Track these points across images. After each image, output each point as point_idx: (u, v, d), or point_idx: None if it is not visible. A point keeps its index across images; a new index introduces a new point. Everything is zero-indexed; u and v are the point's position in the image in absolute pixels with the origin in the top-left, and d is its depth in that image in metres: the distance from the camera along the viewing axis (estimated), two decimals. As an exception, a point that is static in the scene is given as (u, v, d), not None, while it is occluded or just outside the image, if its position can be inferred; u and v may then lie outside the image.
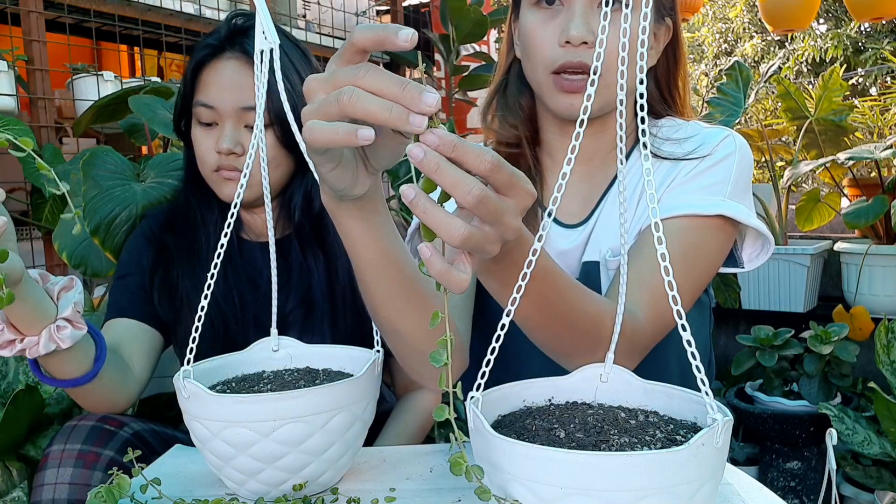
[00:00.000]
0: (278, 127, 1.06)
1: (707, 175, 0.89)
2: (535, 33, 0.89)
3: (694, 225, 0.86)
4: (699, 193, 0.88)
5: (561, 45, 0.86)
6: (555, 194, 0.57)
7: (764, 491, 0.75)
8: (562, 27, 0.86)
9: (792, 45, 7.25)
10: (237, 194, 0.79)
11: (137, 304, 1.12)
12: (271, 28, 0.77)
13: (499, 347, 0.58)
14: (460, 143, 0.49)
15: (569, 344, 0.74)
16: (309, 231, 1.13)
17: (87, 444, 0.93)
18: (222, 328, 1.11)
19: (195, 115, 1.09)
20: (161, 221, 1.19)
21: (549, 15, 0.88)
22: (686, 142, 0.92)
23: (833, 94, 2.62)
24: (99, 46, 2.55)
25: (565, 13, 0.87)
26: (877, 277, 2.34)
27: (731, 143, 0.91)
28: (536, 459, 0.53)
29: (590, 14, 0.86)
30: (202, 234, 1.14)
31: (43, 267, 1.96)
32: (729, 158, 0.90)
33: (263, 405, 0.72)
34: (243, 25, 1.09)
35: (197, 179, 1.14)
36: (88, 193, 1.36)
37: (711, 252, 0.88)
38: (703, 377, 0.55)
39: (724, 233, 0.88)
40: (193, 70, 1.09)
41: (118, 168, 1.44)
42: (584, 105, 0.56)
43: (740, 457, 2.32)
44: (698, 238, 0.86)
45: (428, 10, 3.79)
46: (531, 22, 0.90)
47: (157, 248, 1.15)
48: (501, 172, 0.51)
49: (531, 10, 0.90)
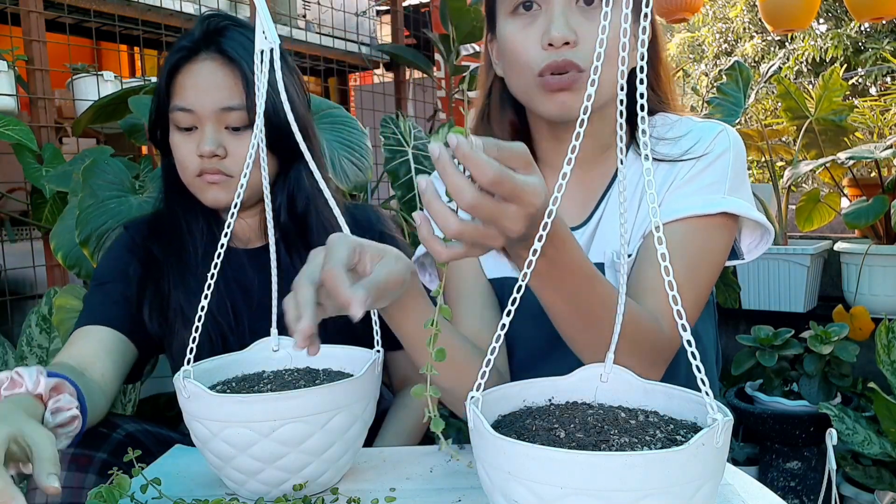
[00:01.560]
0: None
1: (705, 175, 0.89)
2: (516, 40, 0.88)
3: (698, 226, 0.86)
4: (699, 194, 0.88)
5: (544, 48, 0.86)
6: (555, 194, 0.57)
7: (764, 491, 0.75)
8: (542, 29, 0.86)
9: (792, 45, 7.25)
10: (237, 194, 0.79)
11: (115, 312, 1.08)
12: (271, 28, 0.77)
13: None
14: (470, 153, 0.53)
15: (598, 342, 0.74)
16: (293, 233, 1.11)
17: (80, 447, 0.91)
18: (220, 339, 1.09)
19: (173, 120, 1.06)
20: (145, 232, 1.15)
21: (528, 20, 0.88)
22: (681, 140, 0.92)
23: (833, 94, 2.62)
24: (99, 46, 2.55)
25: (544, 16, 0.86)
26: (877, 277, 2.34)
27: (726, 139, 0.91)
28: (536, 459, 0.53)
29: (569, 13, 0.85)
30: (189, 243, 1.11)
31: (43, 267, 1.95)
32: (725, 155, 0.90)
33: (263, 405, 0.72)
34: (218, 25, 1.06)
35: (178, 188, 1.11)
36: (84, 202, 1.35)
37: (717, 251, 0.89)
38: (704, 377, 0.55)
39: (726, 229, 0.89)
40: (168, 75, 1.06)
41: (117, 178, 1.43)
42: (585, 105, 0.56)
43: (740, 457, 2.32)
44: (704, 239, 0.87)
45: (428, 10, 3.79)
46: (511, 31, 0.89)
47: (145, 259, 1.12)
48: (503, 186, 0.55)
49: (508, 19, 0.89)
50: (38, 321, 1.57)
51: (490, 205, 0.55)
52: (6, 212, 2.11)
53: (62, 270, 1.93)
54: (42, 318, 1.58)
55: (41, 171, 1.75)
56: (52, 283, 1.92)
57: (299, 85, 1.12)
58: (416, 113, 3.53)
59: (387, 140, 1.94)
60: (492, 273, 0.99)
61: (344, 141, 1.71)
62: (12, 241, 2.10)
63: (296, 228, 1.12)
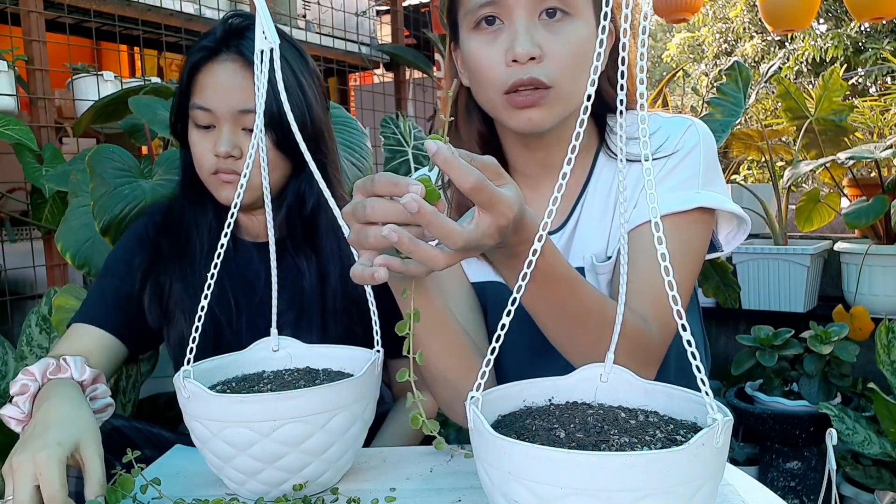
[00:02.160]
0: (275, 130, 1.05)
1: (677, 172, 0.89)
2: (481, 56, 0.86)
3: (676, 225, 0.86)
4: (673, 192, 0.88)
5: (508, 65, 0.84)
6: (555, 194, 0.57)
7: (764, 491, 0.75)
8: (506, 46, 0.84)
9: (792, 45, 7.25)
10: (237, 194, 0.79)
11: (108, 312, 1.09)
12: (271, 28, 0.77)
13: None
14: (450, 158, 0.58)
15: (585, 345, 0.75)
16: (301, 233, 1.12)
17: None
18: (213, 331, 1.10)
19: (192, 117, 1.08)
20: (157, 223, 1.17)
21: (491, 36, 0.85)
22: (651, 137, 0.92)
23: (833, 94, 2.62)
24: (99, 46, 2.55)
25: (507, 31, 0.84)
26: (877, 277, 2.34)
27: (695, 134, 0.90)
28: (536, 459, 0.53)
29: (532, 28, 0.83)
30: (196, 237, 1.13)
31: (43, 267, 1.95)
32: (695, 150, 0.89)
33: (263, 405, 0.72)
34: (239, 26, 1.07)
35: (194, 181, 1.12)
36: (97, 191, 1.35)
37: (697, 246, 0.89)
38: (704, 377, 0.55)
39: (703, 224, 0.89)
40: (189, 72, 1.08)
41: (124, 165, 1.43)
42: (581, 119, 0.57)
43: (740, 457, 2.32)
44: (683, 236, 0.87)
45: (428, 10, 3.79)
46: (475, 47, 0.87)
47: (152, 252, 1.14)
48: (482, 193, 0.60)
49: (472, 34, 0.87)
50: (37, 321, 1.57)
51: (457, 228, 0.61)
52: (6, 212, 2.11)
53: (62, 270, 1.93)
54: (42, 318, 1.58)
55: (41, 171, 1.75)
56: (52, 283, 1.92)
57: (318, 88, 1.12)
58: (416, 113, 3.53)
59: (387, 140, 1.94)
60: (475, 277, 0.99)
61: (344, 141, 1.71)
62: (12, 241, 2.10)
63: (303, 228, 1.12)
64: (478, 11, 0.85)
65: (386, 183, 0.63)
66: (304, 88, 1.07)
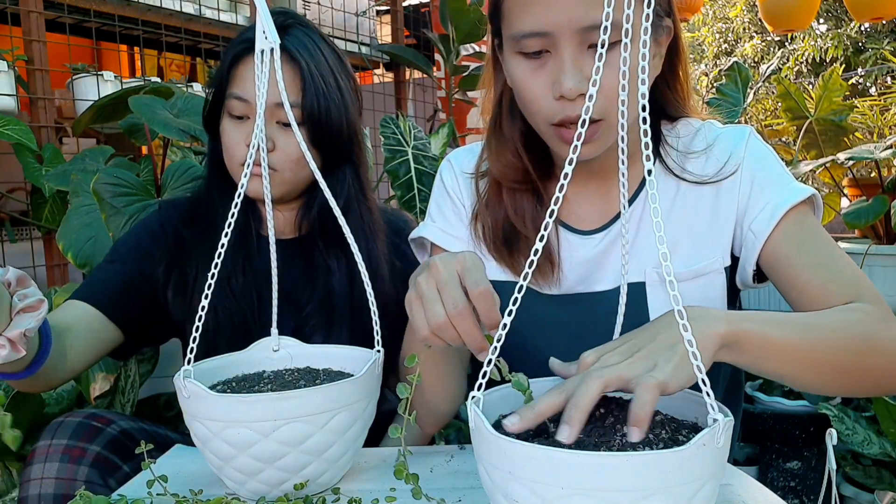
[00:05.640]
0: (310, 126, 1.06)
1: (766, 174, 0.89)
2: (526, 86, 0.81)
3: (798, 218, 0.86)
4: (779, 191, 0.87)
5: (556, 98, 0.79)
6: (556, 194, 0.57)
7: (764, 491, 0.75)
8: (553, 78, 0.79)
9: (792, 45, 7.25)
10: (238, 194, 0.80)
11: (108, 294, 1.08)
12: (271, 28, 0.77)
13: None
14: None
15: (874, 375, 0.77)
16: (332, 231, 1.12)
17: (74, 440, 0.93)
18: (242, 327, 1.10)
19: (227, 107, 1.09)
20: (182, 215, 1.17)
21: (538, 64, 0.80)
22: (710, 152, 0.91)
23: (833, 94, 2.62)
24: (99, 46, 2.55)
25: (553, 61, 0.79)
26: (877, 277, 2.34)
27: (758, 142, 0.92)
28: (537, 459, 0.53)
29: (580, 60, 0.77)
30: (222, 229, 1.13)
31: (43, 267, 1.95)
32: (767, 152, 0.91)
33: (263, 405, 0.72)
34: (284, 23, 1.08)
35: (221, 173, 1.13)
36: (112, 223, 1.35)
37: (824, 232, 0.88)
38: (704, 377, 0.55)
39: (811, 212, 0.89)
40: (230, 64, 1.09)
41: (130, 187, 1.42)
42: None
43: (740, 457, 2.32)
44: (811, 223, 0.87)
45: (428, 10, 3.79)
46: (519, 74, 0.82)
47: (175, 243, 1.13)
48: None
49: (516, 58, 0.82)
50: (37, 321, 1.57)
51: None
52: (6, 212, 2.11)
53: (62, 270, 1.93)
54: (42, 317, 1.57)
55: (41, 171, 1.75)
56: (52, 283, 1.92)
57: (354, 90, 1.14)
58: (416, 113, 3.53)
59: (387, 140, 1.94)
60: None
61: (344, 141, 1.71)
62: (12, 241, 2.10)
63: (334, 226, 1.12)
64: (522, 42, 0.80)
65: (486, 297, 0.70)
66: (342, 90, 1.09)
